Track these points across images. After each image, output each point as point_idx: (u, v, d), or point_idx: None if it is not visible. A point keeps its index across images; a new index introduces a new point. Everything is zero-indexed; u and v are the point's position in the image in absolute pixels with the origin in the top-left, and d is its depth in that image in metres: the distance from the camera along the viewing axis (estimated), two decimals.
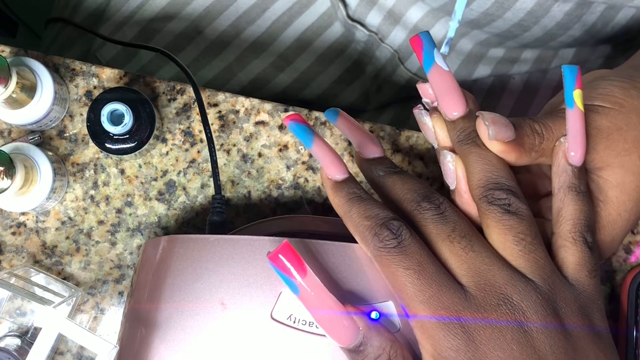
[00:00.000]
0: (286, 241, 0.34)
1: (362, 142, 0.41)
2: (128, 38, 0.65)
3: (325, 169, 0.38)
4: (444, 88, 0.38)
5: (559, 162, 0.38)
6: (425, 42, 0.38)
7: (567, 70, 0.37)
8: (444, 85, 0.38)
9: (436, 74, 0.38)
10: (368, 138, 0.41)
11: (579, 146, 0.37)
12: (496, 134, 0.36)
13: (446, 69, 0.38)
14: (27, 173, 0.45)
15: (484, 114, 0.37)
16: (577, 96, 0.37)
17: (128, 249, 0.50)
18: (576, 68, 0.37)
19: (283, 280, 0.34)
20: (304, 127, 0.38)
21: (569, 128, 0.37)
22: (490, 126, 0.36)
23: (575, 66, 0.37)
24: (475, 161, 0.37)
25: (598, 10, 0.53)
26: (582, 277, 0.35)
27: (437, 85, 0.38)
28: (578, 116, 0.37)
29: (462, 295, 0.33)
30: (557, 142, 0.38)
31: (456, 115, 0.38)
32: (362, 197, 0.37)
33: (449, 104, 0.38)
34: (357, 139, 0.41)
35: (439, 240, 0.35)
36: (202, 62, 0.65)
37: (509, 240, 0.35)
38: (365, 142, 0.41)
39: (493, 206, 0.35)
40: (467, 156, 0.37)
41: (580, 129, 0.37)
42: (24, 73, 0.46)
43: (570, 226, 0.36)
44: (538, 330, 0.33)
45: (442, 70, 0.37)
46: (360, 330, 0.34)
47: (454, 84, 0.38)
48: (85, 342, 0.39)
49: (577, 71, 0.37)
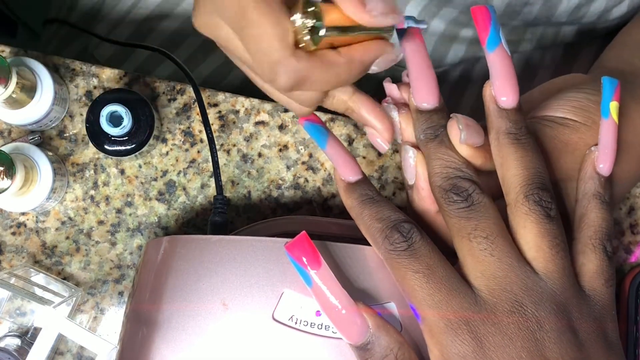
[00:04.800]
0: (304, 232, 0.35)
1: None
2: (123, 37, 0.65)
3: (339, 170, 0.38)
4: (502, 72, 0.36)
5: (586, 169, 0.38)
6: (494, 18, 0.36)
7: (607, 82, 0.37)
8: (503, 69, 0.36)
9: (500, 56, 0.36)
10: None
11: (608, 157, 0.38)
12: (468, 138, 0.36)
13: (509, 53, 0.36)
14: (27, 173, 0.45)
15: (459, 117, 0.36)
16: (613, 108, 0.37)
17: (128, 249, 0.50)
18: (616, 81, 0.37)
19: (297, 271, 0.34)
20: (319, 128, 0.38)
21: (600, 138, 0.38)
22: (464, 130, 0.36)
23: (615, 79, 0.38)
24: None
25: None
26: (598, 285, 0.35)
27: (496, 68, 0.36)
28: (612, 127, 0.37)
29: (473, 299, 0.33)
30: (588, 150, 0.39)
31: (505, 101, 0.36)
32: (375, 199, 0.37)
33: (503, 89, 0.36)
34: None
35: (459, 236, 0.35)
36: (198, 59, 0.65)
37: (545, 244, 0.34)
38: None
39: (537, 207, 0.35)
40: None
41: (612, 141, 0.37)
42: (24, 73, 0.46)
43: (591, 232, 0.36)
44: (550, 339, 0.32)
45: (506, 54, 0.36)
46: (370, 328, 0.34)
47: (513, 70, 0.36)
48: (85, 342, 0.39)
49: (617, 84, 0.37)
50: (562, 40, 0.64)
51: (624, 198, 0.50)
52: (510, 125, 0.36)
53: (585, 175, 0.38)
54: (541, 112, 0.40)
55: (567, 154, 0.39)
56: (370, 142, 0.40)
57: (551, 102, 0.41)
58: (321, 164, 0.50)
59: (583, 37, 0.63)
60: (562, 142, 0.39)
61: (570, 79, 0.44)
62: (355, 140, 0.51)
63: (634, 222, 0.51)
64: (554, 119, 0.39)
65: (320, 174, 0.50)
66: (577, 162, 0.39)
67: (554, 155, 0.39)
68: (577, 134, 0.39)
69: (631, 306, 0.48)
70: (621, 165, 0.40)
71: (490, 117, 0.37)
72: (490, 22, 0.36)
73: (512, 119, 0.36)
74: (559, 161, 0.39)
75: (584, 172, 0.38)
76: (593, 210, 0.37)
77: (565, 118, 0.39)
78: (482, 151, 0.37)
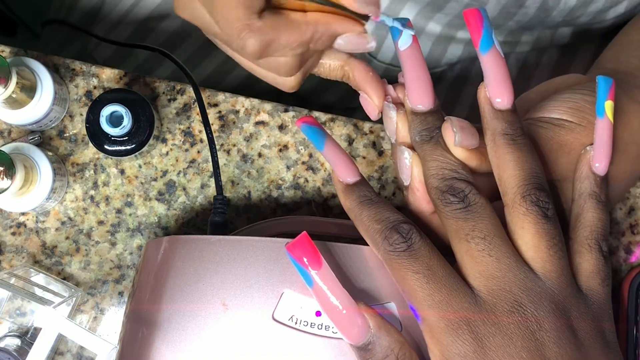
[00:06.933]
0: (305, 233, 0.35)
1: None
2: (123, 37, 0.65)
3: (337, 171, 0.38)
4: (496, 74, 0.36)
5: (582, 169, 0.38)
6: (486, 21, 0.36)
7: (602, 81, 0.38)
8: (497, 71, 0.36)
9: (493, 58, 0.36)
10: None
11: (603, 157, 0.38)
12: (462, 140, 0.36)
13: (502, 55, 0.36)
14: (27, 173, 0.45)
15: (453, 119, 0.36)
16: (608, 107, 0.37)
17: (128, 249, 0.50)
18: (611, 80, 0.37)
19: (298, 271, 0.34)
20: (317, 130, 0.38)
21: (596, 137, 0.38)
22: (458, 132, 0.36)
23: (610, 78, 0.38)
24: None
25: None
26: (595, 285, 0.35)
27: (490, 70, 0.36)
28: (607, 127, 0.37)
29: (472, 300, 0.33)
30: (583, 150, 0.39)
31: (500, 102, 0.36)
32: (373, 200, 0.37)
33: (497, 91, 0.36)
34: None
35: (457, 237, 0.35)
36: (197, 60, 0.65)
37: (543, 244, 0.34)
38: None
39: (535, 207, 0.35)
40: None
41: (608, 140, 0.37)
42: (24, 73, 0.46)
43: (587, 232, 0.36)
44: (550, 339, 0.33)
45: (499, 56, 0.36)
46: (371, 328, 0.34)
47: (507, 71, 0.36)
48: (85, 342, 0.39)
49: (612, 83, 0.37)
50: (559, 42, 0.64)
51: (622, 198, 0.50)
52: (505, 127, 0.36)
53: (581, 175, 0.38)
54: (537, 114, 0.40)
55: (563, 154, 0.39)
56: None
57: (547, 103, 0.41)
58: (321, 164, 0.50)
59: (579, 38, 0.63)
60: (558, 143, 0.39)
61: (568, 80, 0.44)
62: (355, 140, 0.51)
63: (634, 222, 0.51)
64: (549, 120, 0.40)
65: (320, 174, 0.50)
66: (573, 163, 0.39)
67: (550, 157, 0.39)
68: (573, 134, 0.39)
69: (631, 306, 0.48)
70: (617, 165, 0.40)
71: (485, 119, 0.37)
72: (482, 25, 0.36)
73: (507, 120, 0.36)
74: (555, 162, 0.39)
75: (580, 172, 0.38)
76: (589, 210, 0.37)
77: (561, 119, 0.39)
78: (477, 153, 0.37)
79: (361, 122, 0.51)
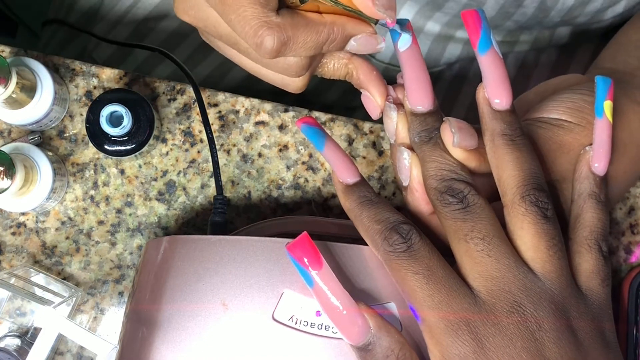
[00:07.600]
0: (305, 233, 0.35)
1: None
2: (122, 37, 0.65)
3: (337, 172, 0.38)
4: (495, 74, 0.36)
5: (581, 169, 0.38)
6: (484, 21, 0.36)
7: (600, 82, 0.38)
8: (495, 71, 0.36)
9: (491, 59, 0.36)
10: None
11: (603, 156, 0.38)
12: (461, 141, 0.36)
13: (500, 55, 0.36)
14: (27, 173, 0.45)
15: (451, 120, 0.36)
16: (607, 107, 0.37)
17: (128, 249, 0.50)
18: (609, 80, 0.37)
19: (299, 272, 0.34)
20: (317, 130, 0.38)
21: (595, 137, 0.38)
22: (457, 133, 0.36)
23: (608, 78, 0.38)
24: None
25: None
26: (594, 285, 0.35)
27: (488, 70, 0.36)
28: (606, 126, 0.37)
29: (472, 300, 0.33)
30: (582, 150, 0.39)
31: (498, 103, 0.36)
32: (373, 201, 0.37)
33: (496, 91, 0.36)
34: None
35: (456, 238, 0.35)
36: (197, 59, 0.65)
37: (542, 244, 0.34)
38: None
39: (534, 207, 0.35)
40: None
41: (607, 140, 0.37)
42: (24, 73, 0.46)
43: (587, 233, 0.36)
44: (550, 339, 0.33)
45: (497, 56, 0.36)
46: (371, 329, 0.34)
47: (505, 72, 0.36)
48: (85, 342, 0.39)
49: (610, 84, 0.37)
50: (557, 42, 0.64)
51: (621, 198, 0.50)
52: (504, 127, 0.36)
53: (581, 175, 0.38)
54: (536, 114, 0.40)
55: (562, 155, 0.39)
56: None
57: (546, 103, 0.41)
58: (321, 164, 0.50)
59: (577, 37, 0.64)
60: (557, 143, 0.39)
61: (567, 80, 0.44)
62: (355, 140, 0.51)
63: (634, 222, 0.51)
64: (548, 121, 0.40)
65: (320, 174, 0.50)
66: (572, 163, 0.39)
67: (549, 157, 0.39)
68: (572, 134, 0.39)
69: (631, 306, 0.48)
70: (617, 165, 0.40)
71: (484, 120, 0.37)
72: (480, 25, 0.36)
73: (506, 120, 0.36)
74: (554, 162, 0.39)
75: (579, 172, 0.38)
76: (588, 210, 0.37)
77: (560, 119, 0.39)
78: (475, 153, 0.37)
79: (361, 122, 0.51)
